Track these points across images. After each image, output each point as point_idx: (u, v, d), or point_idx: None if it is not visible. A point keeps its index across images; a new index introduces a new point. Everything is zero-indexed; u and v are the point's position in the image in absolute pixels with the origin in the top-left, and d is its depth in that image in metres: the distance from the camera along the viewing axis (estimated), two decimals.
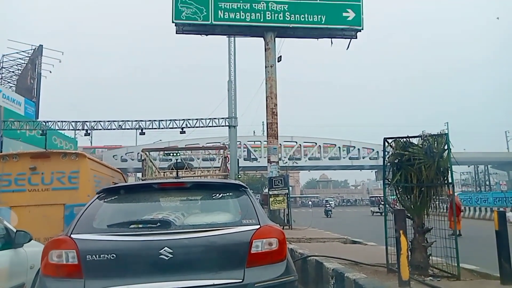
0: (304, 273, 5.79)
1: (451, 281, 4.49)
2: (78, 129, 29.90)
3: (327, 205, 33.66)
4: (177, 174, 6.85)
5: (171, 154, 23.00)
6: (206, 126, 29.80)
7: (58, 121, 28.97)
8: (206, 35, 15.37)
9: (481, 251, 4.86)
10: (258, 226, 3.07)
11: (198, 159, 29.44)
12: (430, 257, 4.94)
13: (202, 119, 29.86)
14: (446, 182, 4.91)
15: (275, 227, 3.25)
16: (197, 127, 29.92)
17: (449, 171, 4.84)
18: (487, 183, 60.25)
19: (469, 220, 22.31)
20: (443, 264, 4.88)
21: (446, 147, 4.83)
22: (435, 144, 4.85)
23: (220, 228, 3.02)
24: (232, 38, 24.80)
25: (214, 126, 29.62)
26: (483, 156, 54.79)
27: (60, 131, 31.01)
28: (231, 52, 27.93)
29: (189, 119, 29.79)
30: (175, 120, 29.71)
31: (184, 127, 29.35)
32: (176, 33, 14.86)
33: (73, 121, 28.97)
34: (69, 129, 29.63)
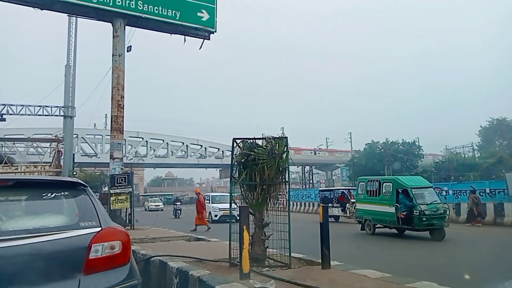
0: (147, 275, 5.56)
1: (283, 270, 5.00)
2: None
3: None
4: None
5: None
6: (35, 115, 25.82)
7: None
8: (41, 9, 13.22)
9: (310, 242, 5.58)
10: (99, 229, 2.83)
11: (22, 152, 25.27)
12: (267, 249, 5.41)
13: (29, 106, 25.72)
14: (284, 180, 5.46)
15: (119, 228, 3.06)
16: (22, 114, 25.61)
17: (287, 171, 5.40)
18: (311, 181, 70.43)
19: (296, 214, 25.55)
20: (277, 255, 5.40)
21: (285, 149, 5.37)
22: (277, 146, 5.34)
23: (51, 233, 2.64)
24: (75, 18, 22.05)
25: (46, 115, 25.90)
26: (308, 158, 63.71)
27: None
28: (72, 32, 24.78)
29: (11, 105, 25.28)
30: None
31: (5, 114, 24.82)
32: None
33: None
34: None
